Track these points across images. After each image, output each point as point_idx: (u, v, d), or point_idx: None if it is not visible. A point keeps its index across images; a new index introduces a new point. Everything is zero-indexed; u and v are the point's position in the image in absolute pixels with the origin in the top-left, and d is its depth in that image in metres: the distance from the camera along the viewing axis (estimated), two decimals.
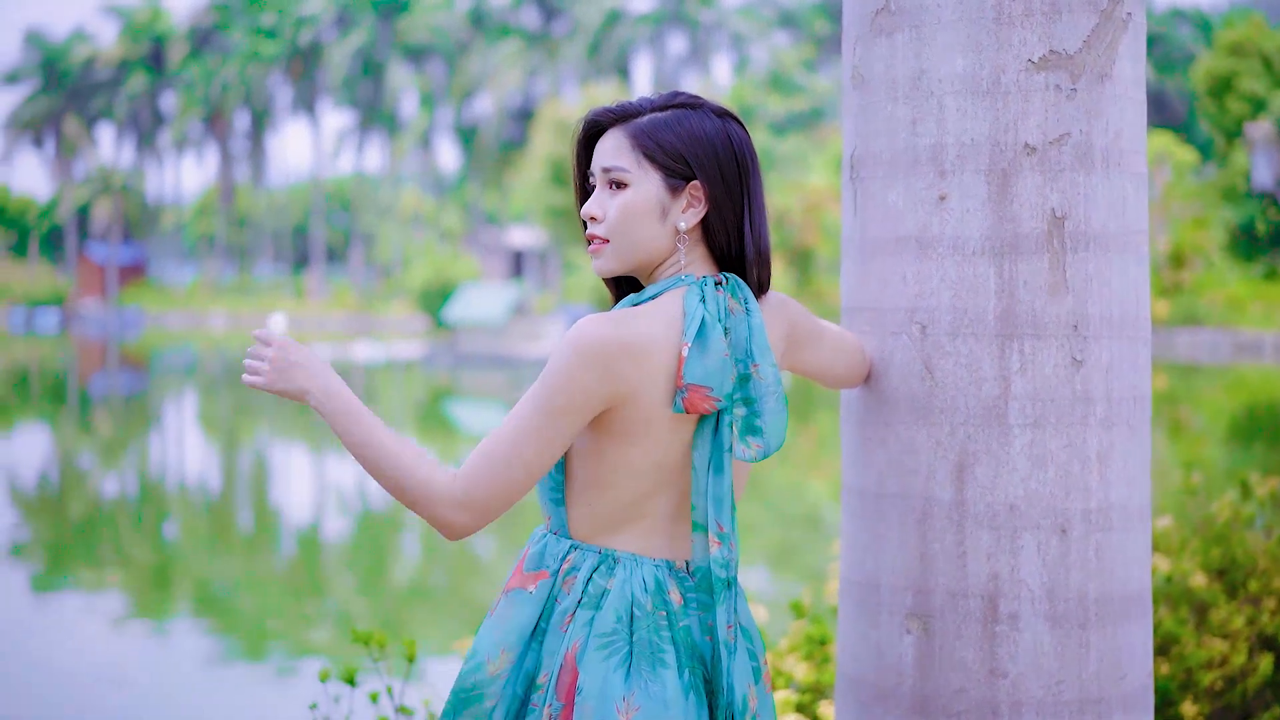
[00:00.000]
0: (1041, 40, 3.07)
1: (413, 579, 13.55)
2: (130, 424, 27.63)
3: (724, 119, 2.83)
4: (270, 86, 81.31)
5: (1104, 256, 3.12)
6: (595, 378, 2.66)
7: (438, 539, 15.64)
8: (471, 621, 11.21)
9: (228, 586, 12.78)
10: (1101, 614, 3.13)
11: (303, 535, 15.56)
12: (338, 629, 11.10)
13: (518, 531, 15.77)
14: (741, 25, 76.13)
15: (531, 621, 2.78)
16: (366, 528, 16.22)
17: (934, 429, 3.14)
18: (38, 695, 8.96)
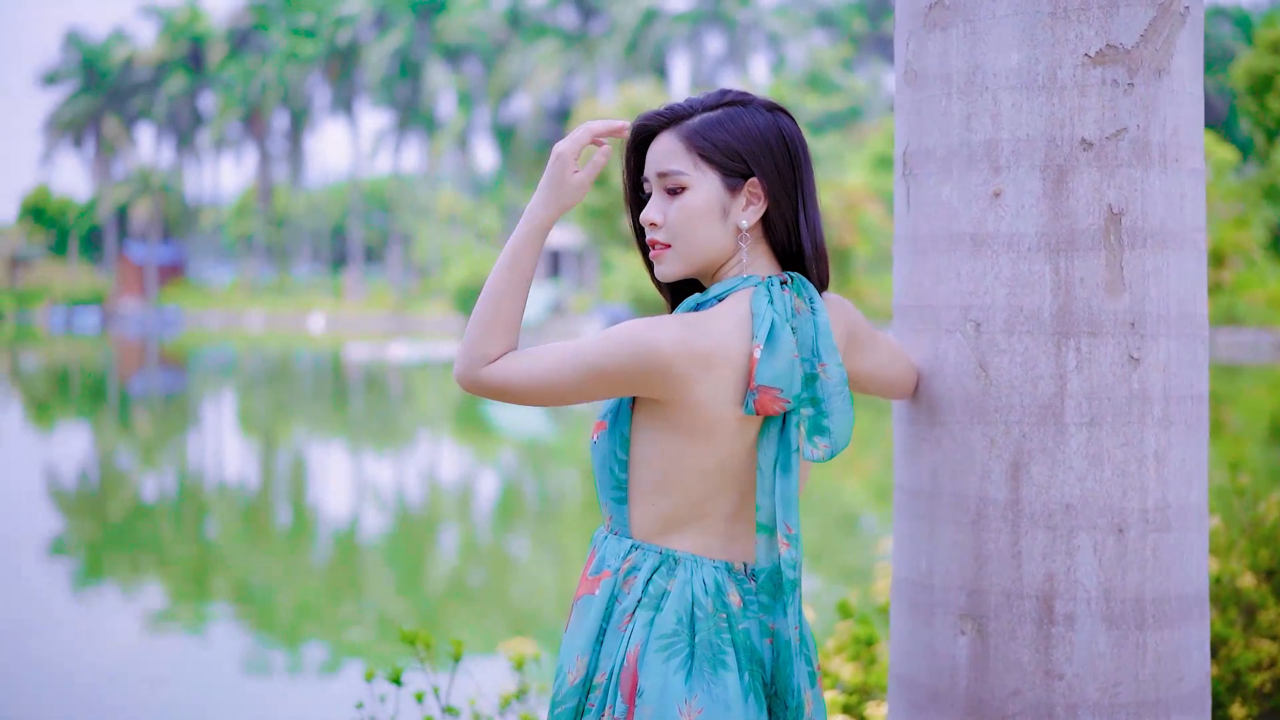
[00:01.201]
0: (1098, 34, 3.03)
1: (451, 579, 13.54)
2: (169, 423, 27.72)
3: (774, 113, 2.81)
4: (308, 87, 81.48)
5: (1161, 253, 3.08)
6: (643, 380, 2.67)
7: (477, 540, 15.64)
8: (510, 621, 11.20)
9: (266, 585, 12.80)
10: (1159, 615, 3.09)
11: (341, 534, 15.57)
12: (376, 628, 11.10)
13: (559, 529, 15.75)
14: (779, 24, 75.97)
15: (598, 624, 2.77)
16: (405, 527, 16.22)
17: (989, 428, 3.11)
18: (77, 693, 8.98)
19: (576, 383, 2.71)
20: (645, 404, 2.74)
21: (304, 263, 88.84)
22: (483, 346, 2.76)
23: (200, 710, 8.74)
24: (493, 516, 17.24)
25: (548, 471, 21.51)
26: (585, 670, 2.76)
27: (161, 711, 8.73)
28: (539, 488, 19.82)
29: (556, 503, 18.42)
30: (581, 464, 22.04)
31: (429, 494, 18.90)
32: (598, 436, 2.82)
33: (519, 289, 2.80)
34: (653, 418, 2.74)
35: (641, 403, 2.75)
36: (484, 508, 18.00)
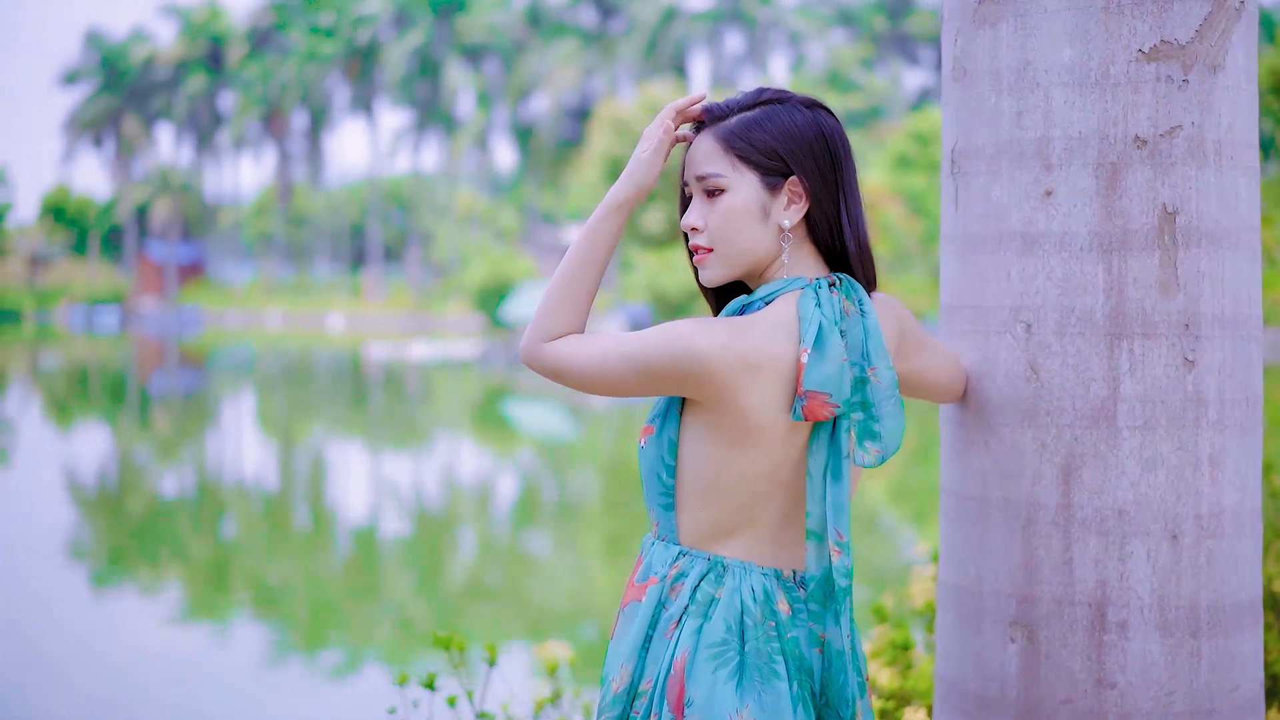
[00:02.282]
0: (1152, 30, 2.97)
1: (470, 578, 13.52)
2: (189, 422, 27.75)
3: (814, 110, 2.75)
4: (328, 86, 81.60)
5: (1216, 253, 3.02)
6: (683, 383, 2.62)
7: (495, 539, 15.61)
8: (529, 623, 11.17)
9: (286, 585, 12.78)
10: (1213, 623, 3.03)
11: (360, 534, 15.55)
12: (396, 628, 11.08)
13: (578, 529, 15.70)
14: (799, 23, 75.89)
15: (644, 631, 2.71)
16: (424, 526, 16.20)
17: (1039, 431, 3.05)
18: (98, 692, 8.96)
19: (623, 375, 2.67)
20: (693, 409, 2.69)
21: (323, 262, 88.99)
22: (547, 322, 2.76)
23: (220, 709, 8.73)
24: (512, 516, 17.21)
25: (567, 471, 21.47)
26: (630, 678, 2.71)
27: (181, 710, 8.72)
28: (558, 487, 19.78)
29: (576, 503, 18.38)
30: (600, 463, 22.00)
31: (448, 494, 18.88)
32: (645, 441, 2.77)
33: (591, 267, 2.78)
34: (700, 423, 2.68)
35: (689, 407, 2.70)
36: (503, 507, 17.97)
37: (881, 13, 79.41)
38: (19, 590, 12.07)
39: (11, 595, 11.87)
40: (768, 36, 76.34)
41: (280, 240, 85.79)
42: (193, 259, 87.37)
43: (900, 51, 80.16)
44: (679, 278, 47.36)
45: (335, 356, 49.57)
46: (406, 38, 77.10)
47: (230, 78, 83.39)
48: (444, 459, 22.96)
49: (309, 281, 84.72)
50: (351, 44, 79.05)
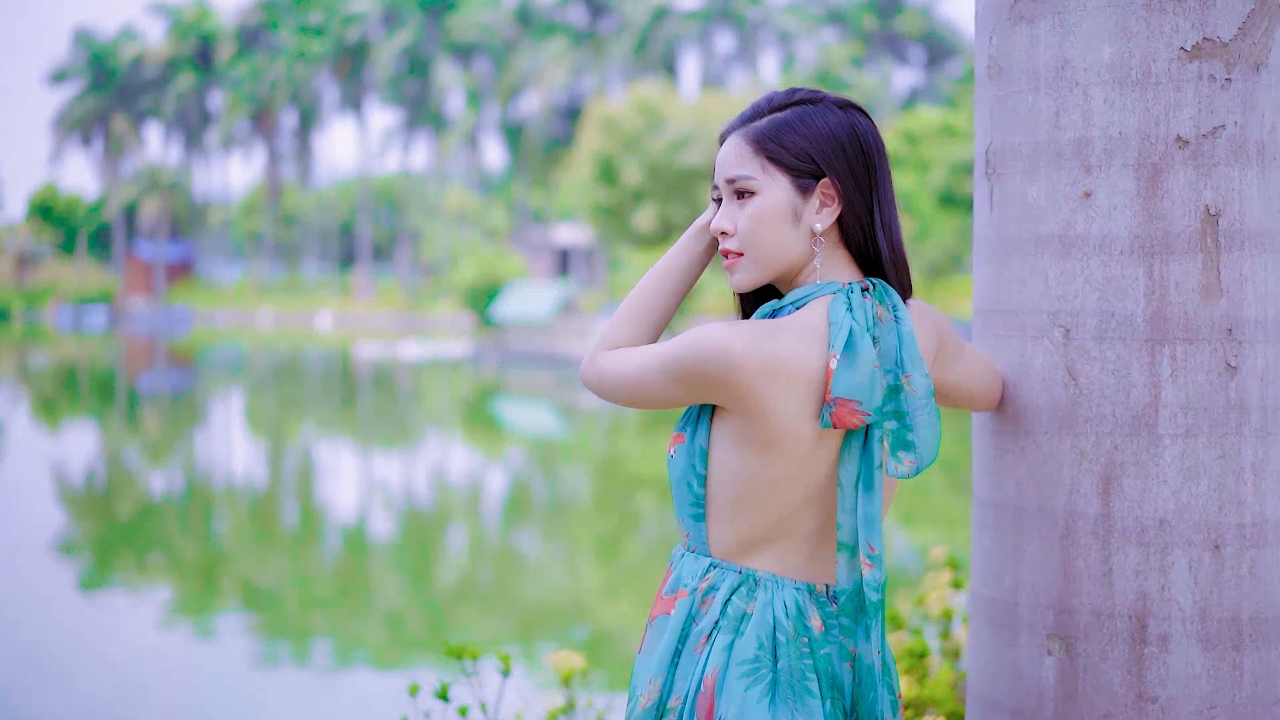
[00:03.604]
0: (1194, 27, 2.89)
1: (460, 578, 13.46)
2: (178, 422, 27.66)
3: (847, 111, 2.67)
4: (317, 85, 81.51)
5: (1259, 256, 2.94)
6: (717, 386, 2.55)
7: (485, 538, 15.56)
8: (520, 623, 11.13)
9: (275, 584, 12.72)
10: (1256, 635, 2.96)
11: (350, 533, 15.49)
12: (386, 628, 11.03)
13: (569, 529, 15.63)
14: (789, 22, 75.86)
15: (673, 645, 2.63)
16: (414, 526, 16.14)
17: (1078, 439, 2.97)
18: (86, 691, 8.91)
19: (659, 383, 2.63)
20: (723, 416, 2.61)
21: (312, 261, 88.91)
22: (610, 332, 2.78)
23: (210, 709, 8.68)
24: (502, 516, 17.16)
25: (557, 471, 21.42)
26: (659, 694, 2.63)
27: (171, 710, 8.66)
28: (548, 487, 19.73)
29: (566, 502, 18.33)
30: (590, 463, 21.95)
31: (439, 493, 18.82)
32: (675, 450, 2.69)
33: (665, 284, 2.80)
34: (730, 431, 2.60)
35: (719, 415, 2.62)
36: (493, 507, 17.92)
37: (871, 12, 79.34)
38: (8, 590, 12.00)
39: (1, 595, 11.80)
40: (758, 36, 76.33)
41: (269, 239, 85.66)
42: (182, 258, 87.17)
43: (890, 51, 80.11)
44: None
45: (325, 356, 49.48)
46: (396, 36, 77.01)
47: (219, 76, 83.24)
48: (434, 458, 22.90)
49: (298, 281, 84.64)
50: (341, 43, 78.93)
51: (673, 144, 52.85)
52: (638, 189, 53.42)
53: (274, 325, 71.85)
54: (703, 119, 53.75)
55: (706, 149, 52.95)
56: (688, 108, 55.39)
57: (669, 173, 53.01)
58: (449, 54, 77.22)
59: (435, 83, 76.95)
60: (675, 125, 53.23)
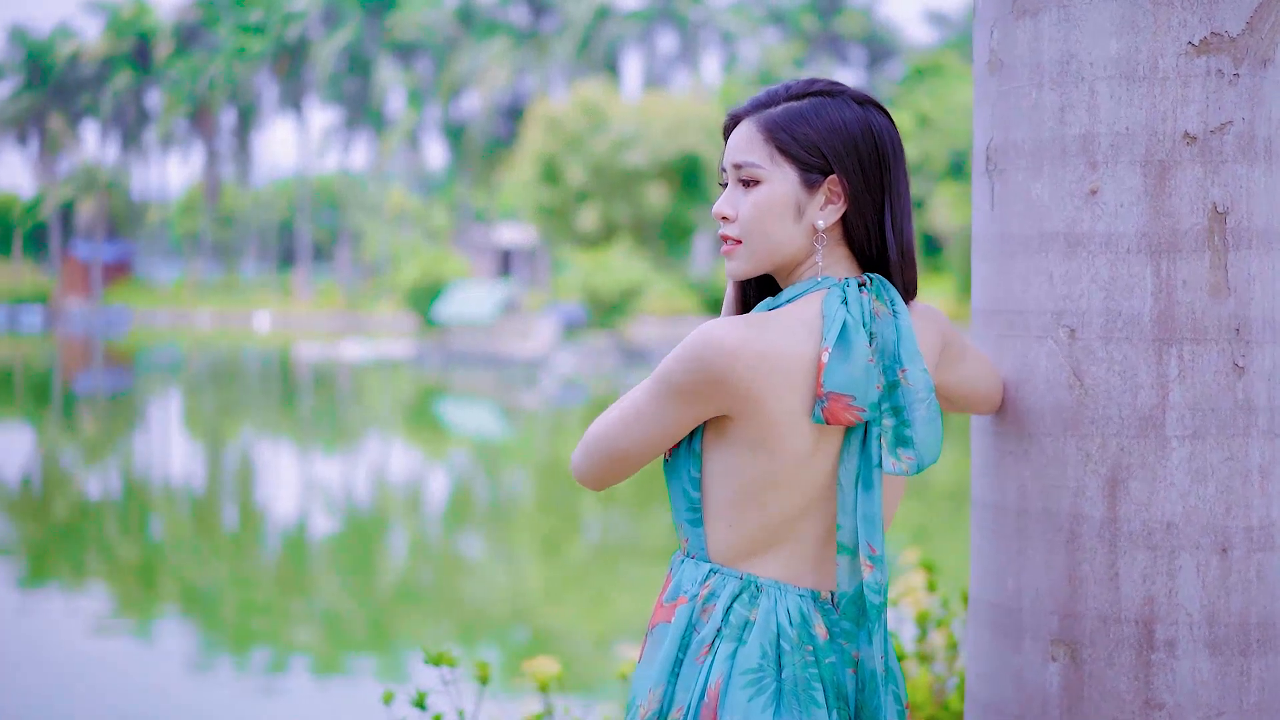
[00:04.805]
0: (1202, 21, 2.84)
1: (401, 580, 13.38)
2: (115, 423, 27.41)
3: (865, 107, 2.60)
4: (256, 83, 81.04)
5: (1266, 255, 2.89)
6: (713, 386, 2.46)
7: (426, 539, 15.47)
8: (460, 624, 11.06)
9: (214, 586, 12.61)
10: (1263, 640, 2.91)
11: (289, 535, 15.37)
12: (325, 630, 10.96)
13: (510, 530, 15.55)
14: (731, 22, 75.96)
15: (673, 654, 2.56)
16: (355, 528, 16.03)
17: (1084, 441, 2.91)
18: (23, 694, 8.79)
19: (646, 413, 2.55)
20: (719, 417, 2.54)
21: (251, 261, 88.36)
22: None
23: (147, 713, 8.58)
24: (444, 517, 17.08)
25: (499, 471, 21.33)
26: (659, 704, 2.55)
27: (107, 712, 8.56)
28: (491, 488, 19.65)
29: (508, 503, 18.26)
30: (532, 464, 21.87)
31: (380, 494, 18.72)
32: (670, 454, 2.62)
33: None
34: (725, 431, 2.53)
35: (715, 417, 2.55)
36: (435, 508, 17.84)
37: (812, 12, 79.57)
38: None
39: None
40: (699, 36, 76.40)
41: (208, 239, 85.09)
42: (119, 258, 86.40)
43: (831, 51, 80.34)
44: (613, 277, 47.29)
45: (265, 356, 49.16)
46: (336, 35, 76.67)
47: (157, 75, 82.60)
48: (376, 459, 22.77)
49: (237, 281, 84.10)
50: (280, 41, 78.49)
51: (616, 144, 52.85)
52: (581, 189, 53.39)
53: (212, 326, 71.35)
54: (645, 119, 53.77)
55: (650, 149, 52.97)
56: (630, 108, 55.43)
57: (612, 173, 52.99)
58: (390, 53, 76.94)
59: (376, 82, 76.66)
60: (618, 125, 53.23)
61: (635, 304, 48.72)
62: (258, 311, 73.94)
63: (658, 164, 53.42)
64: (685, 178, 54.48)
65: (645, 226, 54.93)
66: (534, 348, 45.84)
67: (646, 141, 53.00)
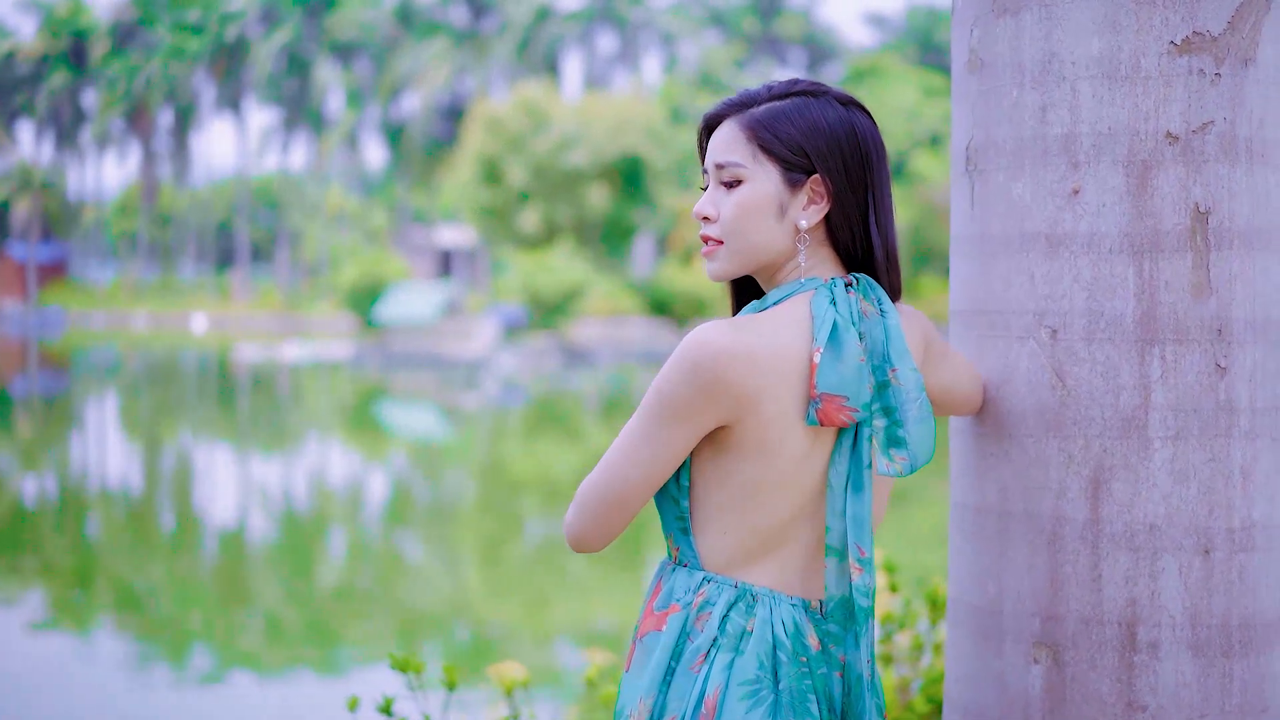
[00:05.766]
0: (1184, 21, 2.84)
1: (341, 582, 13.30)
2: (51, 425, 27.13)
3: (848, 107, 2.58)
4: (194, 83, 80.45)
5: (1248, 255, 2.89)
6: (710, 389, 2.42)
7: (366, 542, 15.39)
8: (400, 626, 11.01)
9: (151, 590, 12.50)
10: (1245, 641, 2.90)
11: (228, 538, 15.25)
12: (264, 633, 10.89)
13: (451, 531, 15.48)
14: (671, 23, 76.00)
15: (665, 663, 2.52)
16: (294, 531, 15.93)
17: (1066, 442, 2.90)
18: None
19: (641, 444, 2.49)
20: None
21: (189, 262, 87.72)
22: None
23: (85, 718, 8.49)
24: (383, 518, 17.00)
25: (440, 473, 21.25)
26: (650, 713, 2.52)
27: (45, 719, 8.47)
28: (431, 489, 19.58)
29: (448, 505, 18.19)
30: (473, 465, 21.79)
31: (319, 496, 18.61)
32: None
33: None
34: (716, 437, 2.50)
35: None
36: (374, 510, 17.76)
37: (753, 14, 79.76)
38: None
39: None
40: (640, 37, 76.41)
41: (144, 240, 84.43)
42: (54, 259, 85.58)
43: (771, 53, 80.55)
44: (554, 278, 47.23)
45: (203, 358, 48.82)
46: (274, 35, 76.24)
47: (93, 74, 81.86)
48: (316, 461, 22.64)
49: (174, 282, 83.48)
50: (219, 41, 77.97)
51: (557, 144, 52.80)
52: (522, 189, 53.31)
53: (149, 327, 70.77)
54: (586, 120, 53.74)
55: (591, 150, 52.92)
56: (571, 108, 55.38)
57: (553, 173, 52.94)
58: (329, 53, 76.60)
59: (315, 82, 76.30)
60: (559, 126, 53.18)
61: (577, 305, 48.67)
62: (195, 313, 73.42)
63: (599, 165, 53.40)
64: (626, 178, 54.47)
65: (586, 227, 54.89)
66: (475, 349, 45.71)
67: (587, 142, 52.97)
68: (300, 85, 77.49)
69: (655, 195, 55.22)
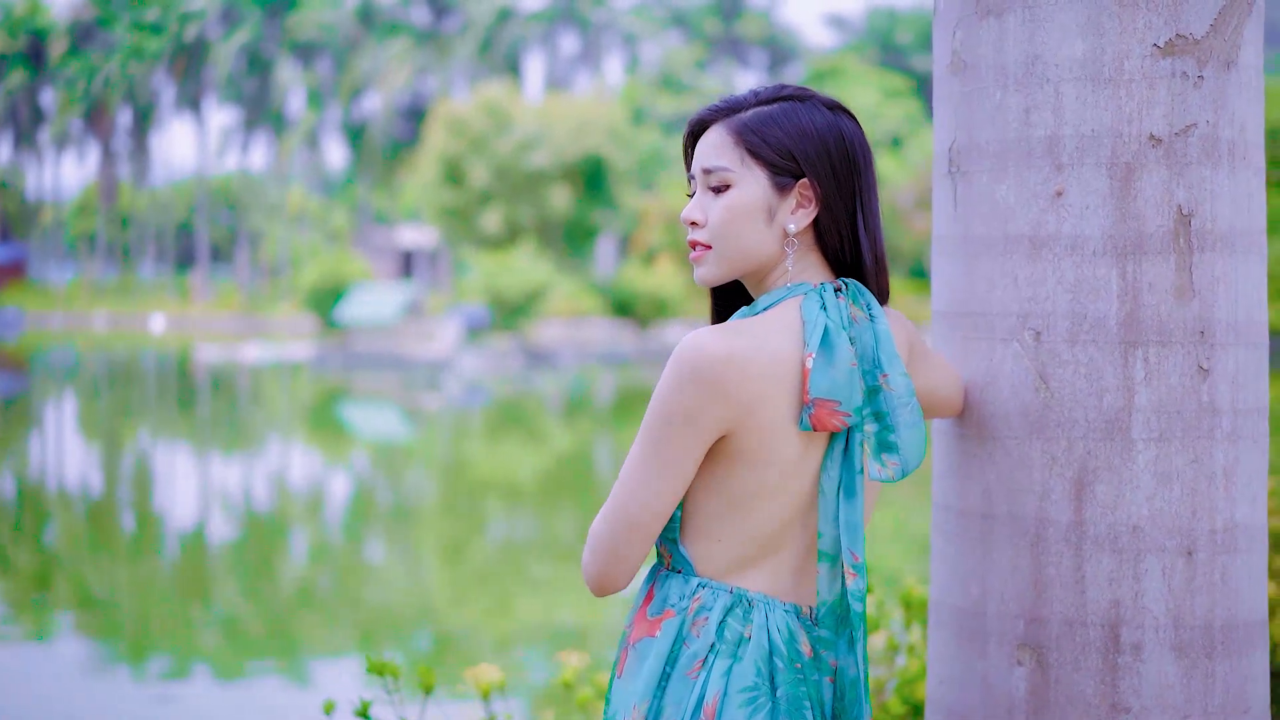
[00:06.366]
0: (1167, 23, 2.84)
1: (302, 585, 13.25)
2: (9, 427, 26.94)
3: (835, 112, 2.59)
4: (154, 83, 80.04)
5: (1230, 257, 2.90)
6: (709, 396, 2.41)
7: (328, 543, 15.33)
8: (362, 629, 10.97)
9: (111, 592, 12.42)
10: (1226, 642, 2.91)
11: (188, 540, 15.17)
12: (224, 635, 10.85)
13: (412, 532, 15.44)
14: (633, 24, 76.04)
15: (660, 669, 2.51)
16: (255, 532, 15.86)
17: (1049, 444, 2.90)
18: None
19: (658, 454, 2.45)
20: None
21: (149, 262, 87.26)
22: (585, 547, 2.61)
23: None
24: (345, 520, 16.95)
25: (402, 474, 21.20)
26: (645, 718, 2.51)
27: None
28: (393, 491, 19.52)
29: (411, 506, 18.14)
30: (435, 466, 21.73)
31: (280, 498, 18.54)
32: None
33: None
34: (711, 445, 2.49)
35: None
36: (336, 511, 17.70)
37: (714, 15, 79.87)
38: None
39: None
40: (602, 37, 76.41)
41: (103, 240, 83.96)
42: (12, 259, 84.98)
43: (732, 54, 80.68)
44: (517, 279, 47.15)
45: (164, 359, 48.58)
46: (235, 35, 75.93)
47: (51, 74, 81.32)
48: (277, 462, 22.55)
49: (134, 282, 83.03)
50: (178, 41, 77.58)
51: (519, 145, 52.76)
52: (484, 190, 53.23)
53: (109, 327, 70.36)
54: (548, 120, 53.71)
55: (553, 150, 52.88)
56: (533, 109, 55.34)
57: (515, 174, 52.89)
58: (289, 53, 76.33)
59: (275, 82, 76.03)
60: (521, 126, 53.13)
61: (539, 306, 48.60)
62: (154, 314, 73.03)
63: (561, 165, 53.38)
64: (588, 179, 54.47)
65: (548, 228, 54.86)
66: (437, 350, 45.59)
67: (549, 143, 52.94)
68: (261, 85, 77.20)
69: (617, 196, 55.23)
